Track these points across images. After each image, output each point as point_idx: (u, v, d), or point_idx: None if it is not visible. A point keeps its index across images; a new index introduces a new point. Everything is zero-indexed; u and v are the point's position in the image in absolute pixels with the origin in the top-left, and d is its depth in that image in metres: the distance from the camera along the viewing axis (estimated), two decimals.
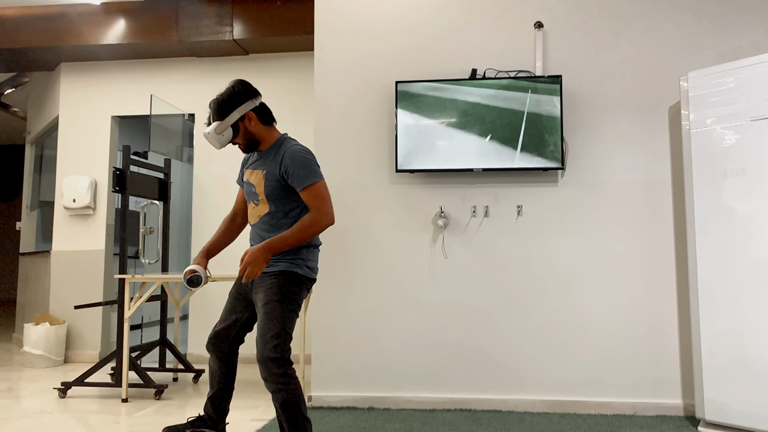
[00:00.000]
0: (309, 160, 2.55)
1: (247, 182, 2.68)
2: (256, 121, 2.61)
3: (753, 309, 3.06)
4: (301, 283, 2.59)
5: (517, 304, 3.72)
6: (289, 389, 2.44)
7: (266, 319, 2.49)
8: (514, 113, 3.65)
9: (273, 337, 2.45)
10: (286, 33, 5.23)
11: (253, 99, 2.59)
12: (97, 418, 3.59)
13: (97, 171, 5.84)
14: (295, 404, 2.45)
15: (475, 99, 3.69)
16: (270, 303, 2.51)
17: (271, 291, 2.53)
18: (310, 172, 2.54)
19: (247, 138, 2.61)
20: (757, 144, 3.08)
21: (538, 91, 3.63)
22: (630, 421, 3.40)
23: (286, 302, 2.52)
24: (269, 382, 2.44)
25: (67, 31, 5.46)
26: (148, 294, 4.00)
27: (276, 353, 2.43)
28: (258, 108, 2.61)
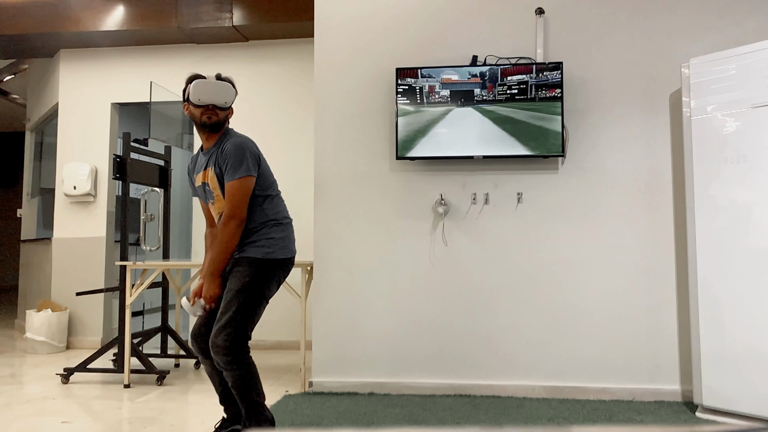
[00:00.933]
0: (245, 152, 2.58)
1: (200, 186, 2.73)
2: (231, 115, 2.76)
3: (752, 295, 3.07)
4: (272, 267, 2.64)
5: (516, 291, 3.73)
6: (240, 372, 2.53)
7: (224, 308, 2.56)
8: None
9: (225, 326, 2.52)
10: (286, 19, 5.21)
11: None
12: (99, 403, 3.62)
13: (97, 158, 5.83)
14: (244, 380, 2.54)
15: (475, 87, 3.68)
16: (230, 291, 2.58)
17: (234, 279, 2.60)
18: (236, 166, 2.57)
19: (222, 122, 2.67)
20: (757, 131, 3.08)
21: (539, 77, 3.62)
22: (628, 406, 3.43)
23: (245, 292, 2.56)
24: (220, 364, 2.54)
25: (66, 18, 5.43)
26: (149, 281, 4.01)
27: (226, 341, 2.51)
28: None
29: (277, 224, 2.70)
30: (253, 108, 5.62)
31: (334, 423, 3.14)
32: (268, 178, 2.73)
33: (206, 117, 2.62)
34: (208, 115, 2.62)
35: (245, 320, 2.55)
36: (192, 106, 2.64)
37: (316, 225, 3.92)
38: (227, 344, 2.50)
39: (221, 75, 2.67)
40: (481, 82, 3.66)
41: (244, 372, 2.53)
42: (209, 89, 2.60)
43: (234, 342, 2.51)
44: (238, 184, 2.56)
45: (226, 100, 2.64)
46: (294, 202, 5.37)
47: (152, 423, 3.20)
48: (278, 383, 4.09)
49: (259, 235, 2.64)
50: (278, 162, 5.53)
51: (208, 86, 2.60)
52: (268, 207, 2.69)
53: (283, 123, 5.59)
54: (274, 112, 5.62)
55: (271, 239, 2.65)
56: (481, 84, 3.66)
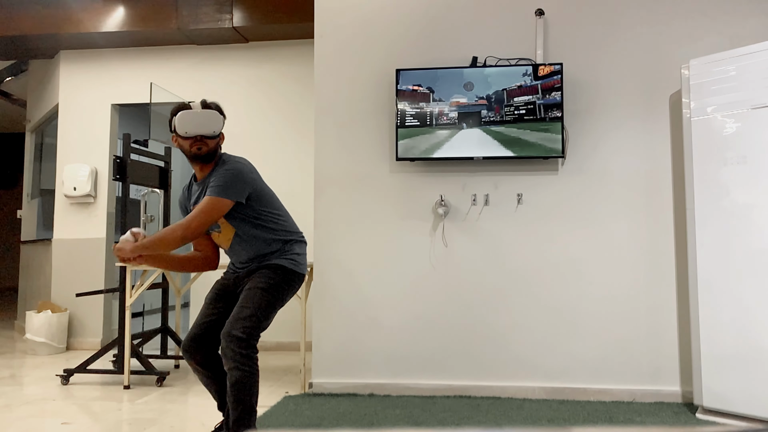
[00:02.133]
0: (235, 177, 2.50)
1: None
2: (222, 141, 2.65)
3: (752, 297, 3.07)
4: (291, 278, 2.63)
5: (516, 292, 3.73)
6: (246, 370, 2.43)
7: (244, 302, 2.51)
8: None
9: (244, 319, 2.47)
10: (286, 20, 5.21)
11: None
12: (99, 404, 3.62)
13: (97, 159, 5.83)
14: (248, 386, 2.44)
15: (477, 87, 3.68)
16: (253, 289, 2.54)
17: (258, 279, 2.57)
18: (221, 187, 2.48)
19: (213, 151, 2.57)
20: (757, 132, 3.08)
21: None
22: (629, 407, 3.43)
23: (269, 292, 2.54)
24: (228, 358, 2.44)
25: (66, 19, 5.43)
26: (149, 282, 4.01)
27: (242, 333, 2.44)
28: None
29: (300, 241, 2.73)
30: (253, 109, 5.63)
31: (334, 424, 3.13)
32: (274, 197, 2.70)
33: (196, 148, 2.53)
34: (197, 146, 2.53)
35: (263, 318, 2.52)
36: (180, 138, 2.55)
37: (316, 226, 3.92)
38: (243, 335, 2.43)
39: (207, 101, 2.58)
40: (480, 84, 3.66)
41: (251, 370, 2.47)
42: (195, 120, 2.50)
43: (251, 337, 2.47)
44: (215, 201, 2.46)
45: (213, 129, 2.52)
46: (294, 204, 5.38)
47: (152, 424, 3.20)
48: (278, 384, 4.09)
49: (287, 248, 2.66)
50: (278, 163, 5.53)
51: (193, 117, 2.49)
52: (287, 222, 2.71)
53: (283, 124, 5.59)
54: (273, 113, 5.62)
55: (297, 254, 2.68)
56: (481, 86, 3.66)
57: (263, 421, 3.17)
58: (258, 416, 3.24)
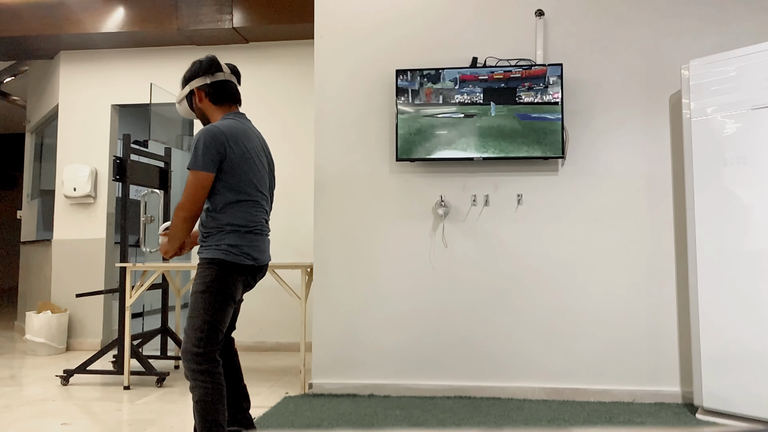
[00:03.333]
0: (201, 143, 2.41)
1: None
2: (204, 98, 2.59)
3: (752, 297, 3.07)
4: (231, 270, 2.43)
5: (516, 293, 3.73)
6: (208, 387, 2.34)
7: (190, 311, 2.40)
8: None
9: (196, 330, 2.37)
10: (286, 21, 5.21)
11: (205, 77, 2.57)
12: (99, 405, 3.62)
13: (97, 160, 5.83)
14: (211, 403, 2.34)
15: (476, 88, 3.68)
16: (194, 294, 2.42)
17: (196, 281, 2.44)
18: (191, 160, 2.43)
19: (197, 113, 2.65)
20: (757, 133, 3.08)
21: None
22: (628, 408, 3.42)
23: (209, 292, 2.39)
24: (188, 377, 2.36)
25: (66, 20, 5.44)
26: (149, 282, 4.01)
27: (198, 348, 2.35)
28: (212, 86, 2.57)
29: (247, 232, 2.50)
30: (253, 109, 5.62)
31: (334, 425, 3.13)
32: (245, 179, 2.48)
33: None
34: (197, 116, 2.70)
35: (214, 322, 2.39)
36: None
37: (316, 226, 3.92)
38: (199, 350, 2.35)
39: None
40: (480, 85, 3.67)
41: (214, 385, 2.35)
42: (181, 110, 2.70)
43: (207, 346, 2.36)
44: (191, 175, 2.41)
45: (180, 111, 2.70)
46: (294, 204, 5.38)
47: (152, 425, 3.19)
48: (278, 385, 4.08)
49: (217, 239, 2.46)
50: (278, 163, 5.53)
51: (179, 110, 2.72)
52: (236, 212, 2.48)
53: (283, 124, 5.59)
54: (273, 114, 5.62)
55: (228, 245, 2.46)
56: (482, 87, 3.66)
57: (263, 422, 3.17)
58: (258, 417, 3.24)
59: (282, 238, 5.41)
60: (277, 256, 5.37)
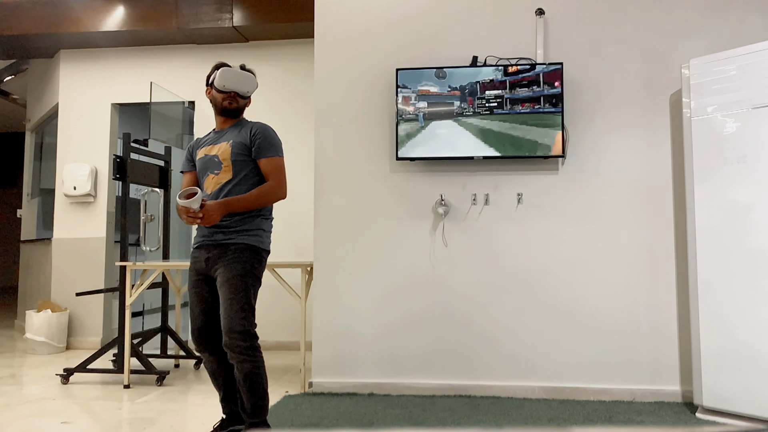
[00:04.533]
0: (272, 133, 2.75)
1: (204, 157, 2.78)
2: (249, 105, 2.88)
3: (752, 296, 3.07)
4: (261, 256, 2.70)
5: (516, 292, 3.73)
6: (254, 361, 2.56)
7: (232, 293, 2.58)
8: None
9: (240, 310, 2.56)
10: (287, 20, 5.21)
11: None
12: (99, 404, 3.62)
13: (97, 158, 5.83)
14: (259, 376, 2.57)
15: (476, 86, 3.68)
16: (234, 278, 2.59)
17: (233, 266, 2.61)
18: (276, 145, 2.73)
19: (241, 109, 2.82)
20: (757, 132, 3.08)
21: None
22: (628, 407, 3.43)
23: (248, 276, 2.62)
24: (236, 353, 2.55)
25: (66, 18, 5.43)
26: (149, 281, 4.01)
27: (242, 326, 2.54)
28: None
29: (271, 220, 2.82)
30: (253, 108, 5.62)
31: (334, 423, 3.14)
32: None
33: (227, 102, 2.76)
34: (229, 101, 2.76)
35: (253, 304, 2.62)
36: (215, 91, 2.77)
37: (316, 225, 3.92)
38: (245, 328, 2.55)
39: (245, 66, 2.82)
40: (480, 84, 3.66)
41: (260, 360, 2.58)
42: (234, 77, 2.74)
43: (251, 325, 2.57)
44: (279, 161, 2.72)
45: (248, 89, 2.78)
46: (294, 202, 5.38)
47: (152, 424, 3.20)
48: (278, 384, 4.09)
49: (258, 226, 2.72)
50: None
51: (233, 74, 2.74)
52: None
53: (283, 123, 5.59)
54: (273, 113, 5.61)
55: (262, 230, 2.74)
56: (482, 86, 3.66)
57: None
58: None
59: (282, 236, 5.41)
60: (278, 255, 5.37)
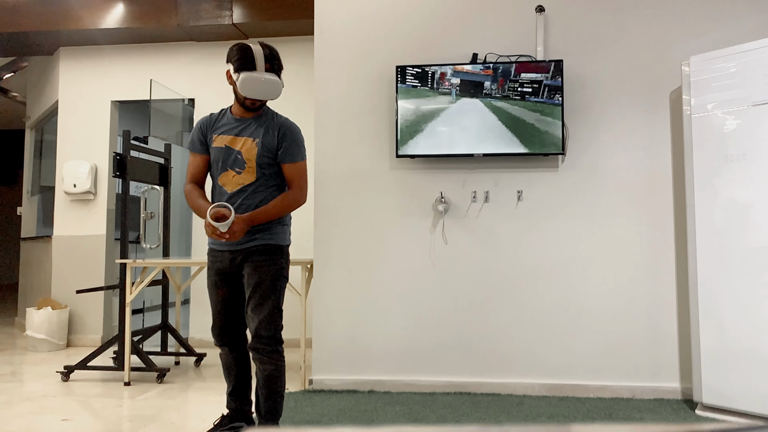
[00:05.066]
0: (300, 136, 2.68)
1: (224, 148, 2.60)
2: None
3: (751, 293, 3.07)
4: (287, 252, 2.69)
5: (516, 289, 3.73)
6: (278, 365, 2.58)
7: (262, 298, 2.56)
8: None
9: (269, 315, 2.56)
10: (286, 17, 5.20)
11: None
12: (99, 401, 3.62)
13: (97, 156, 5.83)
14: (279, 379, 2.59)
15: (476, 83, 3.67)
16: (264, 282, 2.57)
17: (263, 269, 2.58)
18: (302, 148, 2.66)
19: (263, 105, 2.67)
20: (757, 129, 3.07)
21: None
22: (628, 404, 3.43)
23: (278, 279, 2.60)
24: (262, 355, 2.56)
25: (65, 16, 5.43)
26: (149, 279, 4.01)
27: (270, 332, 2.56)
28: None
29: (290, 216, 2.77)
30: None
31: (335, 421, 3.14)
32: None
33: (249, 103, 2.59)
34: (251, 102, 2.59)
35: (282, 308, 2.62)
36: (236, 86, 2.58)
37: (316, 223, 3.92)
38: (274, 333, 2.56)
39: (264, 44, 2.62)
40: (481, 81, 3.66)
41: (283, 363, 2.60)
42: (258, 87, 2.52)
43: (278, 330, 2.58)
44: (304, 165, 2.65)
45: (272, 97, 2.57)
46: None
47: (152, 421, 3.20)
48: None
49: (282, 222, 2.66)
50: None
51: (257, 84, 2.52)
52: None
53: None
54: (273, 110, 5.60)
55: (287, 225, 2.71)
56: (482, 83, 3.66)
57: None
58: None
59: None
60: None
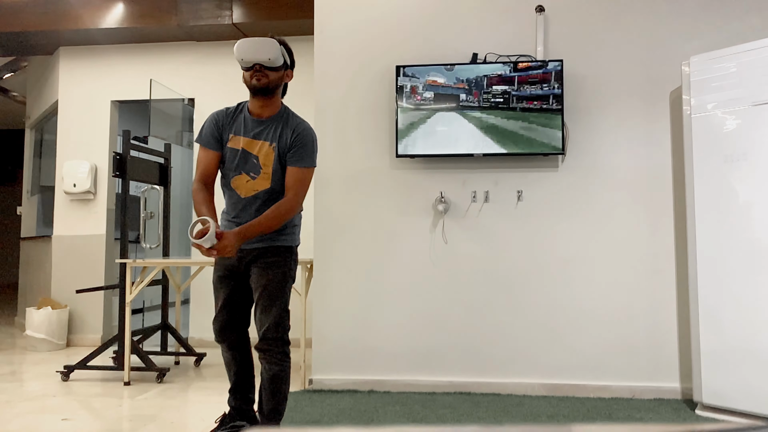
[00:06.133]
0: (315, 141, 2.60)
1: (239, 151, 2.51)
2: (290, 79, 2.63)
3: (751, 294, 3.07)
4: (295, 253, 2.67)
5: (516, 289, 3.73)
6: (284, 366, 2.56)
7: (269, 300, 2.54)
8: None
9: (277, 316, 2.54)
10: (286, 17, 5.20)
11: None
12: (99, 401, 3.62)
13: (97, 156, 5.83)
14: (284, 381, 2.57)
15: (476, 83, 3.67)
16: (271, 283, 2.55)
17: (271, 271, 2.55)
18: (313, 155, 2.57)
19: (274, 84, 2.49)
20: (757, 129, 3.07)
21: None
22: (628, 404, 3.43)
23: (286, 280, 2.59)
24: (269, 354, 2.54)
25: (65, 15, 5.42)
26: (149, 278, 4.01)
27: (277, 333, 2.54)
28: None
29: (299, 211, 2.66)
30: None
31: (334, 421, 3.14)
32: None
33: (255, 79, 2.44)
34: (257, 77, 2.44)
35: (289, 308, 2.60)
36: (244, 72, 2.48)
37: (316, 223, 3.92)
38: (281, 335, 2.54)
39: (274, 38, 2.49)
40: (480, 81, 3.66)
41: (289, 365, 2.58)
42: (249, 45, 2.40)
43: (286, 331, 2.56)
44: (309, 173, 2.54)
45: (269, 56, 2.41)
46: None
47: (152, 420, 3.20)
48: None
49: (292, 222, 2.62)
50: None
51: (247, 43, 2.40)
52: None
53: None
54: None
55: (296, 226, 2.67)
56: (482, 83, 3.66)
57: None
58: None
59: None
60: None
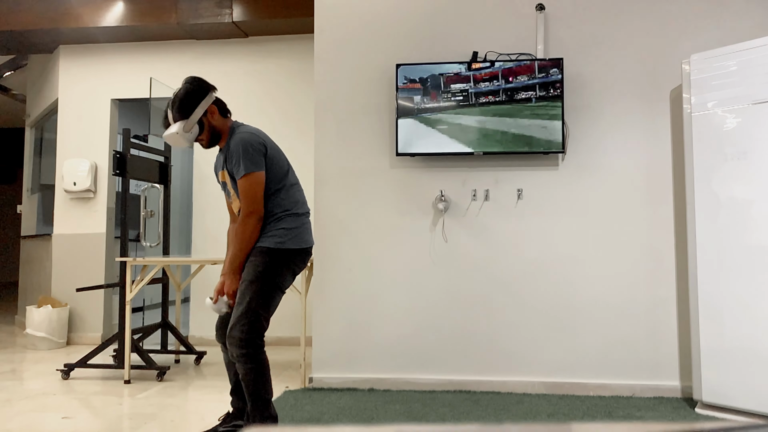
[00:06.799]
0: (247, 147, 2.58)
1: (222, 183, 2.78)
2: (217, 114, 2.70)
3: (751, 292, 3.07)
4: (285, 258, 2.63)
5: (516, 287, 3.73)
6: (248, 368, 2.54)
7: (239, 298, 2.57)
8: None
9: (242, 316, 2.54)
10: (286, 15, 5.20)
11: (211, 93, 2.69)
12: (99, 399, 3.62)
13: (97, 154, 5.83)
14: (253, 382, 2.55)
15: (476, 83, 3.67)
16: (244, 282, 2.58)
17: (248, 270, 2.60)
18: (243, 161, 2.58)
19: (210, 132, 2.69)
20: (758, 128, 3.07)
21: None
22: (628, 402, 3.43)
23: (258, 281, 2.57)
24: (234, 356, 2.56)
25: (65, 14, 5.42)
26: (149, 277, 4.01)
27: (241, 333, 2.52)
28: (216, 101, 2.70)
29: (297, 216, 2.70)
30: (253, 104, 5.62)
31: (334, 419, 3.14)
32: (282, 167, 2.70)
33: (201, 146, 2.76)
34: (200, 145, 2.75)
35: (260, 311, 2.56)
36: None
37: (316, 221, 3.92)
38: (242, 336, 2.52)
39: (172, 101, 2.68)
40: (481, 79, 3.66)
41: (256, 366, 2.55)
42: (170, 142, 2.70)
43: (249, 333, 2.53)
44: (245, 181, 2.57)
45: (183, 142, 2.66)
46: None
47: (152, 419, 3.20)
48: (278, 379, 4.09)
49: (271, 226, 2.64)
50: None
51: (167, 139, 2.70)
52: (284, 198, 2.68)
53: (283, 119, 5.59)
54: (273, 109, 5.61)
55: (283, 229, 2.64)
56: (482, 81, 3.66)
57: None
58: None
59: None
60: None
